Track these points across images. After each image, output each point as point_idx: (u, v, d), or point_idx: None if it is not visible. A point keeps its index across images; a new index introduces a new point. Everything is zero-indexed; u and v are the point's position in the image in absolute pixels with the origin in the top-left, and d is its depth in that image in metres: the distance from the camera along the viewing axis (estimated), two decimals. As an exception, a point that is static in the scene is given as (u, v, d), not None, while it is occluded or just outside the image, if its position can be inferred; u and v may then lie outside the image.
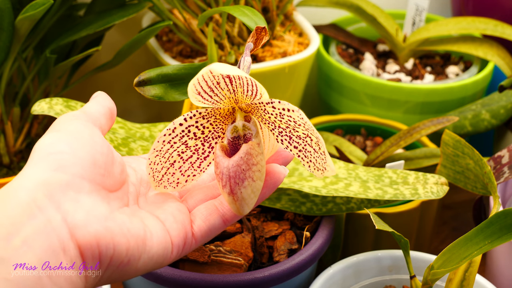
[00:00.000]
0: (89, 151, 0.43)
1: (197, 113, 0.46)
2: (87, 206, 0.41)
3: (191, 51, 0.87)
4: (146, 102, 1.03)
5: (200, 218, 0.46)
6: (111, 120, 0.48)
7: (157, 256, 0.43)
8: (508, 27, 0.95)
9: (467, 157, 0.65)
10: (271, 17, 0.88)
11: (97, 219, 0.41)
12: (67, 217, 0.39)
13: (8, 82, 0.76)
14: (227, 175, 0.43)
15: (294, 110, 0.44)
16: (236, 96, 0.45)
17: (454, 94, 0.91)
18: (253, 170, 0.43)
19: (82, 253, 0.39)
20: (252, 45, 0.48)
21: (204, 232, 0.46)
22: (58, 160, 0.41)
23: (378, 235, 0.73)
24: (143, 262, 0.43)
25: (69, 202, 0.40)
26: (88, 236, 0.40)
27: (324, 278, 0.62)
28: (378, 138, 0.88)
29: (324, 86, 0.99)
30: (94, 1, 0.80)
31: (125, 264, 0.42)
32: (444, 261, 0.56)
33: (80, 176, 0.41)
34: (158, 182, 0.48)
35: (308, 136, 0.45)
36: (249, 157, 0.43)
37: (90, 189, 0.42)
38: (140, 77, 0.56)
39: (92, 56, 0.85)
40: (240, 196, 0.43)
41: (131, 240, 0.42)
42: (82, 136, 0.43)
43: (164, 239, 0.44)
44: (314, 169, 0.47)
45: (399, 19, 1.06)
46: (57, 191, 0.40)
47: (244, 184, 0.43)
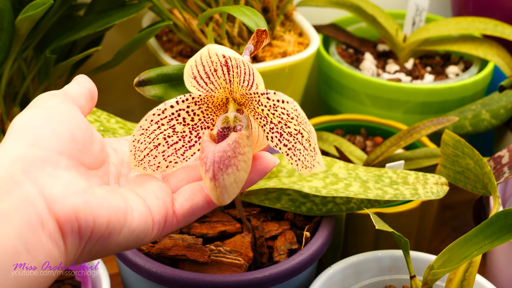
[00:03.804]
0: (66, 127, 0.42)
1: (189, 97, 0.46)
2: (65, 180, 0.40)
3: (191, 51, 0.87)
4: (146, 102, 1.03)
5: (183, 197, 0.46)
6: (91, 101, 0.47)
7: (138, 231, 0.43)
8: (508, 27, 0.95)
9: (467, 157, 0.65)
10: (271, 17, 0.88)
11: (75, 192, 0.40)
12: (44, 191, 0.39)
13: (8, 82, 0.76)
14: (212, 159, 0.42)
15: (288, 102, 0.44)
16: (231, 87, 0.45)
17: (454, 94, 0.91)
18: (238, 159, 0.43)
19: (61, 227, 0.39)
20: (252, 47, 0.48)
21: (186, 210, 0.45)
22: (34, 135, 0.41)
23: (378, 235, 0.73)
24: (123, 236, 0.42)
25: (46, 177, 0.39)
26: (66, 210, 0.39)
27: (324, 278, 0.62)
28: (378, 138, 0.88)
29: (324, 86, 0.99)
30: (94, 1, 0.80)
31: (106, 237, 0.41)
32: (444, 261, 0.56)
33: (58, 151, 0.41)
34: (138, 162, 0.47)
35: (300, 132, 0.45)
36: (237, 145, 0.43)
37: (68, 164, 0.41)
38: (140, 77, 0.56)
39: (92, 56, 0.85)
40: (222, 183, 0.42)
41: (111, 213, 0.41)
42: (59, 112, 0.43)
43: (145, 214, 0.43)
44: (302, 167, 0.46)
45: (399, 19, 1.06)
46: (33, 166, 0.39)
47: (227, 171, 0.42)
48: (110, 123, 0.63)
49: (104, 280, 0.63)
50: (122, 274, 0.65)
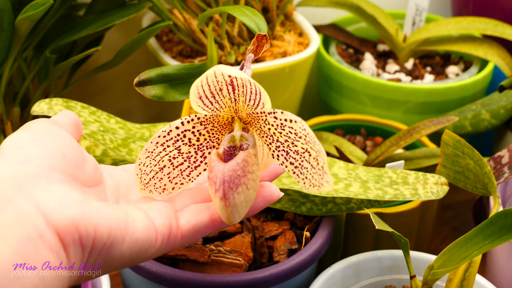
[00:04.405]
0: (57, 145, 0.42)
1: (195, 118, 0.45)
2: (59, 193, 0.40)
3: (191, 51, 0.87)
4: (146, 102, 1.03)
5: (189, 213, 0.45)
6: (77, 131, 0.47)
7: (142, 240, 0.42)
8: (508, 27, 0.95)
9: (467, 157, 0.65)
10: (271, 17, 0.88)
11: (72, 203, 0.39)
12: (40, 205, 0.38)
13: (8, 82, 0.76)
14: (222, 179, 0.42)
15: (296, 121, 0.44)
16: (236, 106, 0.44)
17: (454, 94, 0.91)
18: (248, 178, 0.42)
19: (61, 238, 0.38)
20: (252, 56, 0.48)
21: (192, 226, 0.44)
22: (24, 153, 0.40)
23: (378, 235, 0.73)
24: (127, 246, 0.41)
25: (40, 191, 0.39)
26: (65, 220, 0.38)
27: (324, 278, 0.62)
28: (378, 138, 0.88)
29: (324, 86, 0.99)
30: (94, 1, 0.80)
31: (109, 247, 0.40)
32: (444, 261, 0.56)
33: (50, 167, 0.40)
34: (144, 185, 0.47)
35: (307, 151, 0.44)
36: (246, 164, 0.42)
37: (61, 178, 0.41)
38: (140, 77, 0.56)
39: (92, 56, 0.85)
40: (233, 202, 0.42)
41: (112, 221, 0.41)
42: (49, 132, 0.43)
43: (148, 224, 0.43)
44: (309, 186, 0.45)
45: (399, 19, 1.06)
46: (26, 182, 0.39)
47: (238, 190, 0.42)
48: (110, 123, 0.63)
49: (104, 280, 0.63)
50: (122, 274, 0.65)
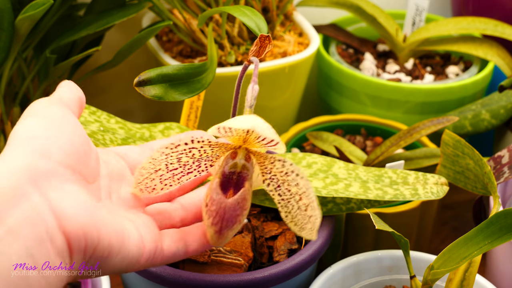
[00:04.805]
0: (70, 139, 0.42)
1: (206, 141, 0.46)
2: (73, 195, 0.39)
3: (191, 51, 0.87)
4: (146, 102, 1.03)
5: (169, 239, 0.46)
6: (81, 108, 0.47)
7: (132, 255, 0.43)
8: (508, 27, 0.95)
9: (467, 157, 0.65)
10: (271, 17, 0.88)
11: (84, 209, 0.39)
12: (54, 205, 0.38)
13: (8, 82, 0.76)
14: (221, 216, 0.44)
15: (303, 177, 0.46)
16: (248, 140, 0.46)
17: (454, 94, 0.91)
18: (243, 214, 0.45)
19: (70, 244, 0.38)
20: (257, 60, 0.49)
21: (172, 254, 0.46)
22: (40, 145, 0.40)
23: (378, 235, 0.73)
24: (120, 258, 0.42)
25: (54, 190, 0.38)
26: (77, 227, 0.38)
27: (324, 278, 0.62)
28: (378, 138, 0.88)
29: (324, 86, 0.99)
30: (94, 1, 0.80)
31: (105, 257, 0.41)
32: (444, 261, 0.56)
33: (64, 164, 0.40)
34: (137, 184, 0.48)
35: (301, 199, 0.46)
36: (244, 202, 0.45)
37: (72, 178, 0.40)
38: (140, 77, 0.56)
39: (92, 56, 0.85)
40: (225, 235, 0.45)
41: (112, 233, 0.41)
42: (62, 123, 0.42)
43: (139, 240, 0.44)
44: (290, 221, 0.47)
45: (399, 19, 1.06)
46: (41, 178, 0.38)
47: (233, 227, 0.45)
48: (110, 123, 0.63)
49: (104, 280, 0.63)
50: (122, 274, 0.65)
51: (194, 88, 0.60)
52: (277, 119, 0.91)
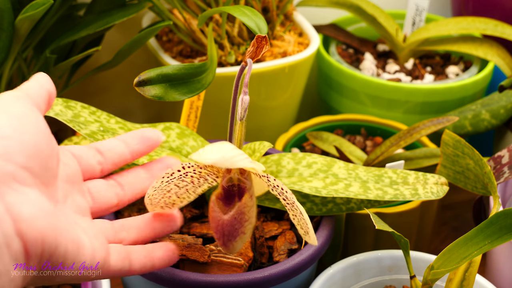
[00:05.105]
0: (33, 140, 0.40)
1: (195, 166, 0.49)
2: (32, 199, 0.38)
3: (191, 51, 0.87)
4: (146, 102, 1.03)
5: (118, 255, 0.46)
6: (49, 105, 0.45)
7: (85, 265, 0.42)
8: (508, 27, 0.95)
9: (467, 157, 0.65)
10: (271, 17, 0.88)
11: (44, 214, 0.38)
12: (12, 209, 0.37)
13: (8, 82, 0.76)
14: (221, 232, 0.47)
15: (288, 191, 0.48)
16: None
17: (454, 94, 0.91)
18: (245, 226, 0.47)
19: (28, 249, 0.37)
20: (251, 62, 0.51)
21: (117, 269, 0.46)
22: (3, 146, 0.38)
23: (378, 235, 0.73)
24: (73, 268, 0.41)
25: (13, 193, 0.37)
26: (35, 232, 0.37)
27: (324, 278, 0.62)
28: (378, 138, 0.88)
29: (324, 86, 0.99)
30: (94, 1, 0.80)
31: (58, 266, 0.40)
32: (444, 261, 0.56)
33: (25, 167, 0.39)
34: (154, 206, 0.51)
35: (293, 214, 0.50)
36: (242, 215, 0.47)
37: (32, 182, 0.39)
38: (140, 77, 0.56)
39: (92, 56, 0.85)
40: (232, 247, 0.48)
41: (69, 241, 0.40)
42: (27, 122, 0.41)
43: (92, 251, 0.43)
44: (297, 225, 0.51)
45: (399, 19, 1.06)
46: (1, 180, 0.37)
47: (236, 239, 0.47)
48: (110, 123, 0.63)
49: (104, 280, 0.63)
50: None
51: (194, 88, 0.60)
52: (277, 119, 0.91)
